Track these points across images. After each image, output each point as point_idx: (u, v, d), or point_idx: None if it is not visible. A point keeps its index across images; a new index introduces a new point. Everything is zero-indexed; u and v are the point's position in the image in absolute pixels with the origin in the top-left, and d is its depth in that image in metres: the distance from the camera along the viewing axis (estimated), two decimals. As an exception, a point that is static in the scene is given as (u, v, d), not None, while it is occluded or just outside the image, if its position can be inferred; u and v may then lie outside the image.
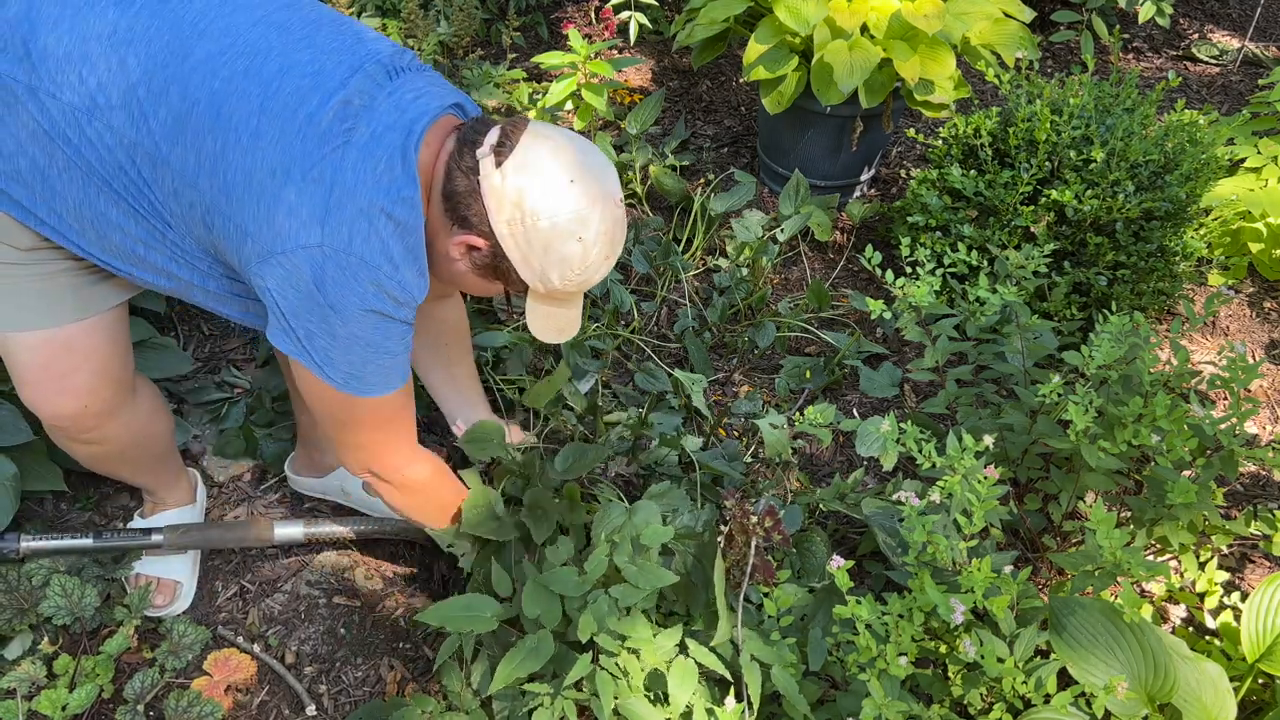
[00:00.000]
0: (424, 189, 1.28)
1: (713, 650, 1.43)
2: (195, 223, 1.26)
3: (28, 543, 1.71)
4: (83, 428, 1.55)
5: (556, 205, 1.27)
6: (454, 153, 1.30)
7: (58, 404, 1.50)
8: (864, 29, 2.44)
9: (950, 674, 1.47)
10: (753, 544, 1.38)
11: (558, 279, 1.32)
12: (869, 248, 1.90)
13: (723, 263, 2.60)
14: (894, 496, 1.68)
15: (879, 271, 1.91)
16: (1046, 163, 2.29)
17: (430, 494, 1.60)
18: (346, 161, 1.21)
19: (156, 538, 1.77)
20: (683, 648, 1.42)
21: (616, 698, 1.36)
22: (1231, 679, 1.45)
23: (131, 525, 1.91)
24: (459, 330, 1.82)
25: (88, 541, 1.73)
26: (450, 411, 1.88)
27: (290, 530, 1.88)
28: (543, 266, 1.30)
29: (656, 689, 1.42)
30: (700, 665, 1.41)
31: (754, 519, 1.38)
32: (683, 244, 2.65)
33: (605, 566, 1.45)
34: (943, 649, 1.47)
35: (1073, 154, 2.26)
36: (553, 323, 1.41)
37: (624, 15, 3.28)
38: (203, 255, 1.31)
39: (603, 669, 1.37)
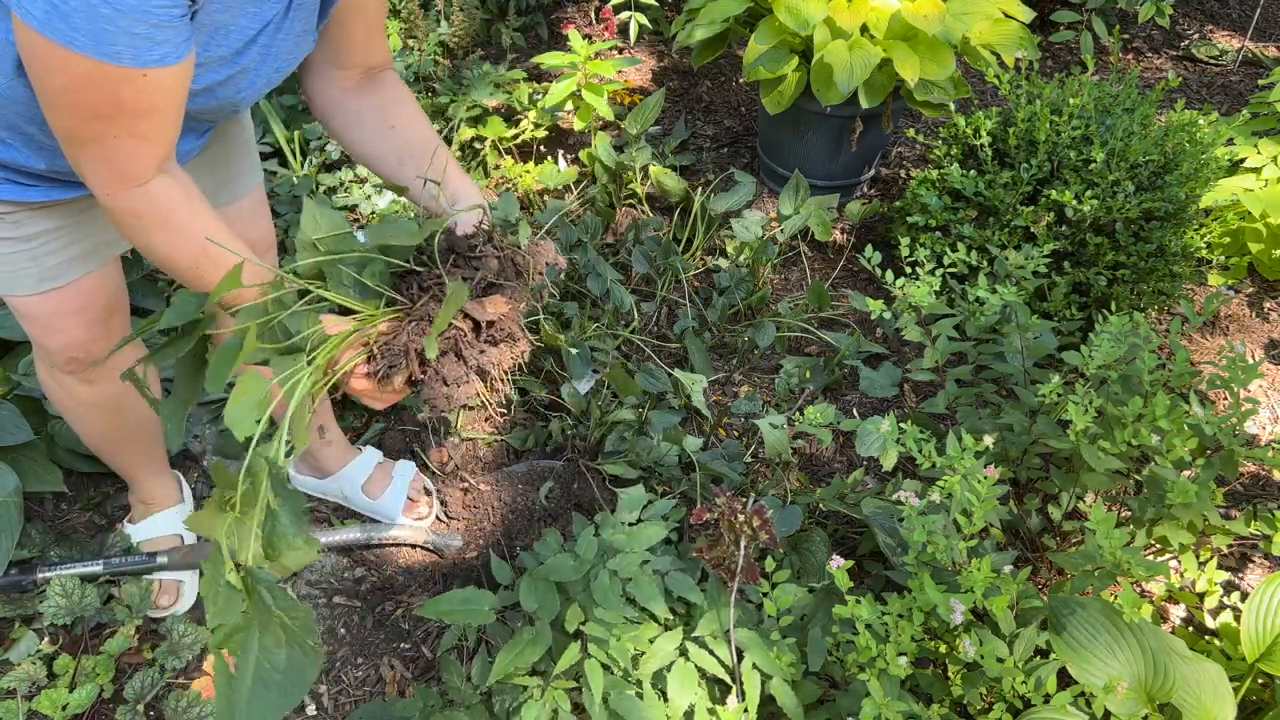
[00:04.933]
0: None
1: (712, 654, 1.43)
2: None
3: (43, 573, 1.78)
4: (91, 355, 1.55)
5: None
6: None
7: (72, 332, 1.50)
8: (864, 29, 2.45)
9: (950, 674, 1.47)
10: (741, 542, 1.38)
11: None
12: (869, 248, 1.90)
13: (723, 263, 2.60)
14: (894, 496, 1.68)
15: (879, 271, 1.91)
16: (1046, 163, 2.29)
17: (164, 229, 1.16)
18: None
19: (162, 559, 1.82)
20: (683, 652, 1.43)
21: (608, 691, 1.36)
22: (1231, 679, 1.45)
23: (126, 527, 1.92)
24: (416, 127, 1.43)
25: (97, 568, 1.80)
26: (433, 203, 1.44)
27: None
28: None
29: (652, 684, 1.42)
30: (700, 668, 1.41)
31: (741, 517, 1.38)
32: (683, 244, 2.65)
33: (595, 545, 1.46)
34: (943, 649, 1.47)
35: (1072, 154, 2.26)
36: None
37: (624, 15, 3.28)
38: None
39: (591, 657, 1.37)
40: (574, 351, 2.19)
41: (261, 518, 1.01)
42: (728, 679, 1.43)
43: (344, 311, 1.16)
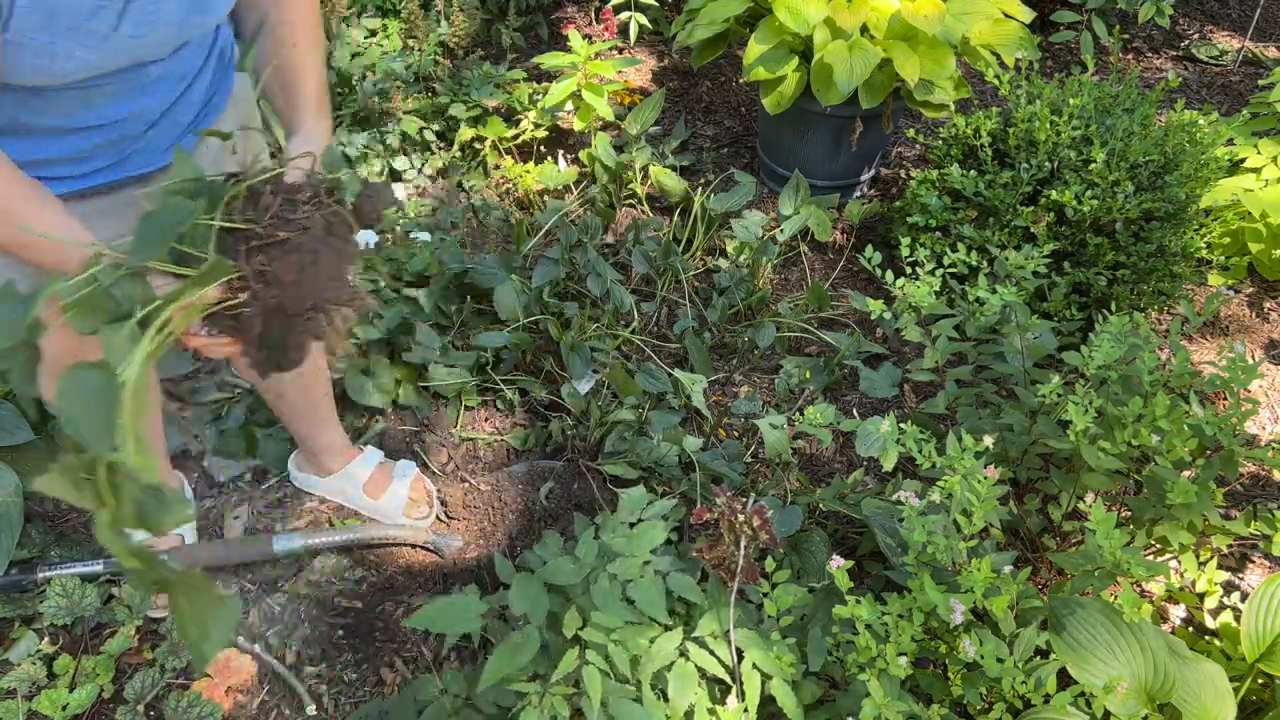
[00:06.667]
0: None
1: (712, 654, 1.43)
2: None
3: (43, 573, 1.79)
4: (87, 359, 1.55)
5: None
6: None
7: (64, 339, 1.49)
8: (864, 29, 2.44)
9: (950, 674, 1.47)
10: (741, 542, 1.38)
11: None
12: (869, 248, 1.90)
13: (723, 263, 2.60)
14: (894, 496, 1.68)
15: (879, 272, 1.91)
16: (1046, 163, 2.29)
17: None
18: None
19: (162, 559, 1.81)
20: (683, 652, 1.43)
21: (606, 697, 1.36)
22: (1231, 679, 1.45)
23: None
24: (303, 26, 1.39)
25: (97, 567, 1.81)
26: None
27: (290, 544, 1.90)
28: None
29: (653, 685, 1.42)
30: (700, 668, 1.41)
31: (741, 517, 1.38)
32: (683, 244, 2.65)
33: (595, 548, 1.46)
34: (943, 649, 1.47)
35: (1073, 154, 2.26)
36: None
37: (624, 16, 3.28)
38: None
39: (590, 664, 1.37)
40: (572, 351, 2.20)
41: (126, 506, 1.02)
42: (728, 679, 1.43)
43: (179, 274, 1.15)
